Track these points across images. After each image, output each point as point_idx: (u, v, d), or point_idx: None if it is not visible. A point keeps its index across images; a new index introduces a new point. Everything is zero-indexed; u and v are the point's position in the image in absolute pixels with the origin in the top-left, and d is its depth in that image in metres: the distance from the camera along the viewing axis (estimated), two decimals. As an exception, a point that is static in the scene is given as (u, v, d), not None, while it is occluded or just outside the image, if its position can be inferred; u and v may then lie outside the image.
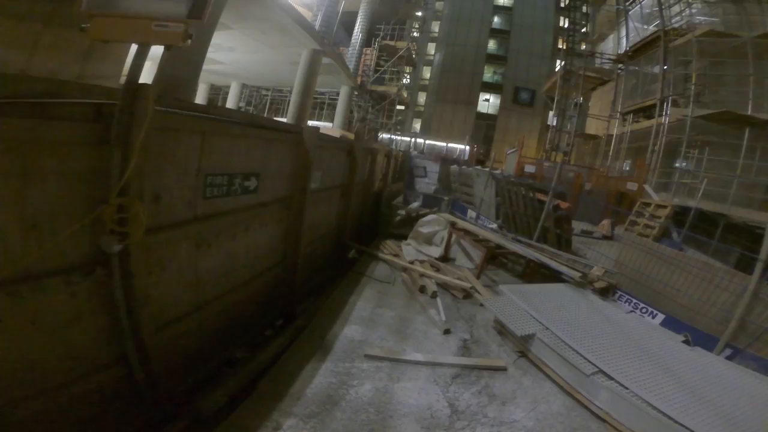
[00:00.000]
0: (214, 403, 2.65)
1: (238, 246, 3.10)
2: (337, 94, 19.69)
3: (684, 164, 12.88)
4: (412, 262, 6.66)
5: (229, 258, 3.01)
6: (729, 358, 3.68)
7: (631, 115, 17.20)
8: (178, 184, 2.23)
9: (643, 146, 15.34)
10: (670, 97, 14.00)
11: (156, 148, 1.93)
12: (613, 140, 18.07)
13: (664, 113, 14.08)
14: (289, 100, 15.48)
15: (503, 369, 3.76)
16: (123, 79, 1.75)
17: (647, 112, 16.09)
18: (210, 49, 8.04)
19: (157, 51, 1.80)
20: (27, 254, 1.50)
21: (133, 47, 1.82)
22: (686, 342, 3.89)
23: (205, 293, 2.78)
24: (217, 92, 22.26)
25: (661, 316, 4.53)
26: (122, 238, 1.78)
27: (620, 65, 18.12)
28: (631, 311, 4.83)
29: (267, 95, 22.93)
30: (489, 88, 33.62)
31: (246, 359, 3.33)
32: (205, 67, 7.89)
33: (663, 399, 2.94)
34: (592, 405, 3.19)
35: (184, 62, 6.78)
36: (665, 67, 14.49)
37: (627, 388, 3.08)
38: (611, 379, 3.21)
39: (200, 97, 18.80)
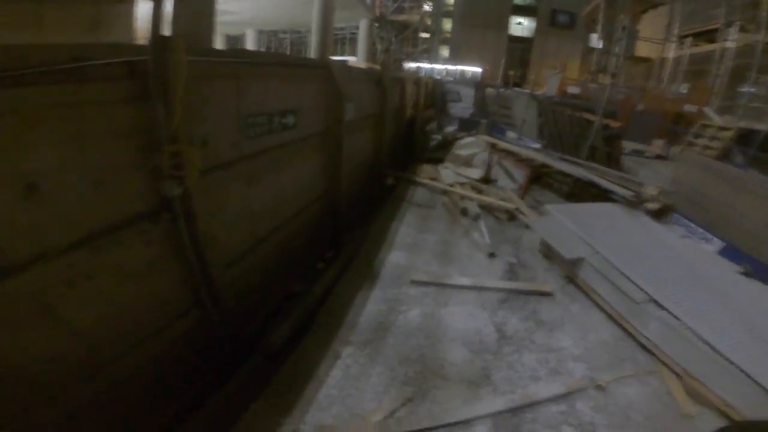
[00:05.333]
0: (280, 338, 2.83)
1: (284, 180, 3.29)
2: (357, 28, 18.68)
3: (752, 89, 12.23)
4: (451, 185, 6.31)
5: (278, 193, 3.19)
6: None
7: (690, 38, 16.55)
8: (222, 127, 2.32)
9: (703, 70, 14.90)
10: (737, 23, 13.28)
11: (195, 96, 1.96)
12: (670, 63, 17.57)
13: (728, 38, 13.61)
14: (309, 41, 14.86)
15: (550, 294, 3.69)
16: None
17: (708, 36, 15.40)
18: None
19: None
20: (99, 210, 1.60)
21: (141, 12, 1.90)
22: (745, 274, 3.60)
23: (260, 229, 2.98)
24: (234, 42, 21.60)
25: (719, 244, 4.24)
26: (180, 182, 1.88)
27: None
28: (687, 236, 4.56)
29: (286, 37, 22.17)
30: (521, 11, 29.84)
31: (303, 293, 3.50)
32: (218, 18, 7.60)
33: (716, 333, 2.68)
34: (641, 336, 3.03)
35: (195, 16, 6.57)
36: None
37: (679, 319, 2.84)
38: (663, 308, 2.98)
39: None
